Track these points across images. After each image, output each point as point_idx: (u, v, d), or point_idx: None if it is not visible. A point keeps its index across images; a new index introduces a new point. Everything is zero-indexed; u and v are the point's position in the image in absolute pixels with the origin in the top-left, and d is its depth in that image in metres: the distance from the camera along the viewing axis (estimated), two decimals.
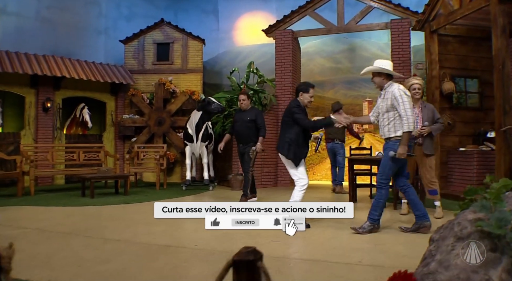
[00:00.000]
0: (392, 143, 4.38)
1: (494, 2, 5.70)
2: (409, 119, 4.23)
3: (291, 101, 5.28)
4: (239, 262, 1.09)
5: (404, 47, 8.96)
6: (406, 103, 4.25)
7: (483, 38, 7.64)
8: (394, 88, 4.36)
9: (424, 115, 5.37)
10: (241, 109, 6.86)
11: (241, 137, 6.74)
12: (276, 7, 12.61)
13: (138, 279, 2.97)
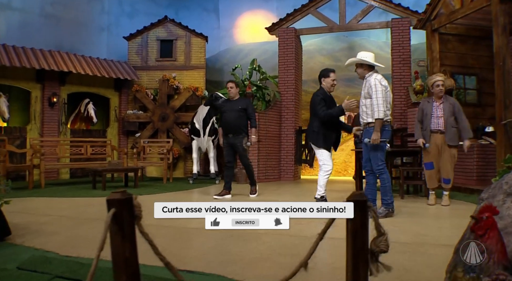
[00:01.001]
0: (371, 130, 4.67)
1: (495, 1, 5.99)
2: (379, 107, 4.54)
3: (314, 92, 5.46)
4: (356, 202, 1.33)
5: (405, 45, 9.26)
6: (379, 92, 4.56)
7: (481, 37, 7.98)
8: (372, 78, 4.68)
9: (446, 107, 5.59)
10: (230, 98, 6.73)
11: (230, 127, 6.45)
12: (276, 5, 12.86)
13: (182, 255, 3.17)
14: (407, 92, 8.88)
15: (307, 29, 10.38)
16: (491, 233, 1.32)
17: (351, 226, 1.35)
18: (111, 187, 7.99)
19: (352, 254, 1.34)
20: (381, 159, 4.75)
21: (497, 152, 6.12)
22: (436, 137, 5.55)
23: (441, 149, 5.58)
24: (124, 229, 1.30)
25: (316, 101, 5.13)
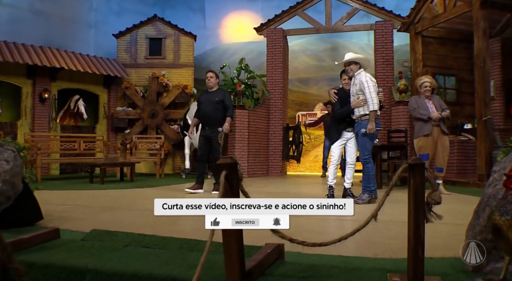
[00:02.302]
0: (365, 122, 5.10)
1: (476, 7, 6.53)
2: (373, 100, 5.01)
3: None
4: (414, 165, 1.69)
5: (388, 47, 9.78)
6: (371, 87, 5.04)
7: (460, 40, 8.58)
8: (362, 76, 5.14)
9: (435, 102, 6.10)
10: (208, 90, 6.46)
11: (207, 119, 6.24)
12: (261, 6, 13.23)
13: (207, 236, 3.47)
14: (391, 91, 9.40)
15: (294, 30, 10.77)
16: None
17: (412, 183, 1.72)
18: (107, 181, 8.16)
19: (414, 206, 1.70)
20: (368, 149, 5.21)
21: (478, 146, 6.64)
22: (435, 130, 6.01)
23: (437, 141, 6.03)
24: (233, 187, 1.61)
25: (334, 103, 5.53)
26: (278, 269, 1.96)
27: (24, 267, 1.56)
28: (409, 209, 1.74)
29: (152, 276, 1.88)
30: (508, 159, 2.27)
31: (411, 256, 1.73)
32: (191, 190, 6.18)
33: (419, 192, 1.71)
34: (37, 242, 2.45)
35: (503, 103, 8.13)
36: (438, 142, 6.02)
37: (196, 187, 6.22)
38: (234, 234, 1.61)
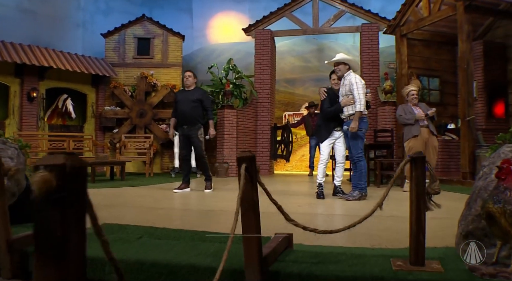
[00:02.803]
0: (350, 121, 5.32)
1: (461, 11, 6.78)
2: (361, 101, 5.23)
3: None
4: (416, 158, 1.85)
5: (373, 49, 10.02)
6: (360, 89, 5.25)
7: (444, 42, 8.87)
8: (352, 77, 5.33)
9: (422, 107, 6.39)
10: (185, 88, 6.43)
11: (185, 118, 6.18)
12: (249, 7, 13.36)
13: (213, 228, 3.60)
14: (376, 92, 9.63)
15: (282, 31, 10.94)
16: (510, 177, 1.89)
17: (414, 175, 1.88)
18: (98, 180, 8.19)
19: (415, 196, 1.86)
20: (360, 147, 5.41)
21: (461, 145, 6.90)
22: (423, 131, 6.25)
23: (427, 141, 6.26)
24: (252, 179, 1.74)
25: (322, 100, 5.69)
26: (289, 256, 2.10)
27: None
28: (411, 199, 1.91)
29: (171, 264, 2.00)
30: (496, 155, 2.45)
31: (413, 242, 1.89)
32: (178, 190, 6.25)
33: (420, 183, 1.87)
34: None
35: (485, 104, 8.43)
36: (428, 142, 6.25)
37: (183, 186, 6.29)
38: (254, 223, 1.75)
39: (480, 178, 2.45)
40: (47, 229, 0.76)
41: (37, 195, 0.75)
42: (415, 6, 8.00)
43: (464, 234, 2.34)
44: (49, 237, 0.75)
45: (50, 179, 0.74)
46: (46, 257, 0.76)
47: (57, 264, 0.75)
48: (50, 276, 0.75)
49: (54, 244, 0.75)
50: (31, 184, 0.77)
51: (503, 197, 1.83)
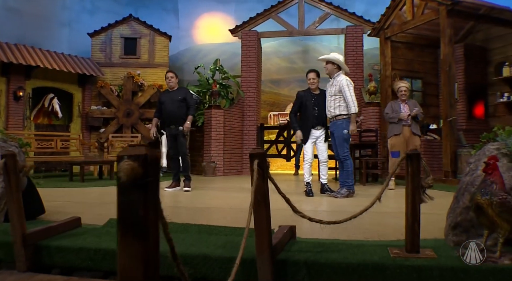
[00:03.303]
0: (340, 121, 5.50)
1: (443, 15, 7.04)
2: (354, 103, 5.41)
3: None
4: (412, 155, 2.02)
5: (358, 50, 10.27)
6: (352, 91, 5.44)
7: (426, 45, 9.16)
8: (342, 79, 5.46)
9: (410, 105, 6.58)
10: (169, 89, 6.51)
11: (172, 118, 6.30)
12: (234, 8, 13.49)
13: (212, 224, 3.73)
14: (360, 93, 9.87)
15: (268, 32, 11.09)
16: (495, 171, 2.07)
17: (410, 170, 2.05)
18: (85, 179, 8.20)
19: (411, 189, 2.03)
20: (346, 146, 5.61)
21: (443, 144, 7.16)
22: (405, 130, 6.48)
23: (408, 140, 6.48)
24: (264, 173, 1.89)
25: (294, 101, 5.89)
26: (293, 246, 2.26)
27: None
28: (407, 192, 2.08)
29: (185, 255, 2.13)
30: (481, 152, 2.65)
31: (409, 231, 2.06)
32: (170, 189, 6.34)
33: (415, 177, 2.04)
34: (64, 229, 2.64)
35: (465, 105, 8.74)
36: (408, 141, 6.47)
37: (174, 185, 6.38)
38: (265, 214, 1.89)
39: (467, 174, 2.65)
40: (132, 210, 0.88)
41: (124, 181, 0.88)
42: (399, 10, 8.24)
43: (452, 226, 2.54)
44: (134, 216, 0.88)
45: (136, 167, 0.87)
46: (130, 234, 0.89)
47: (140, 239, 0.88)
48: (135, 250, 0.88)
49: (137, 222, 0.88)
50: (117, 171, 0.89)
51: (490, 190, 2.02)
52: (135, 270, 0.87)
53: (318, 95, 5.79)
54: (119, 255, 0.89)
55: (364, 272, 1.97)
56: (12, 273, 2.33)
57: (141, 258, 0.87)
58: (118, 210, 0.91)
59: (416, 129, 6.54)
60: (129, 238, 0.89)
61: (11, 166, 2.29)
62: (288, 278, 2.00)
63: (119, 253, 0.89)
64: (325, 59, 5.67)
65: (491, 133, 2.79)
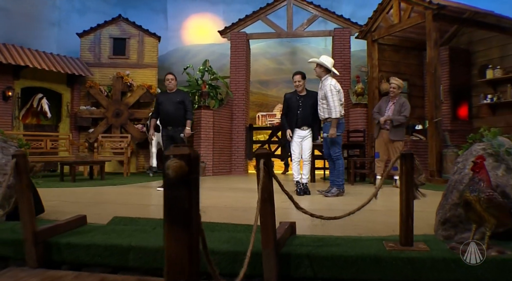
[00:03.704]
0: (328, 124, 5.70)
1: (429, 19, 7.25)
2: (336, 109, 5.58)
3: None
4: (406, 155, 2.17)
5: (345, 52, 10.46)
6: (335, 96, 5.59)
7: (412, 47, 9.39)
8: (327, 83, 5.63)
9: (395, 108, 6.68)
10: (168, 90, 6.64)
11: (170, 119, 6.44)
12: (223, 10, 13.60)
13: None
14: (348, 94, 10.06)
15: (257, 34, 11.22)
16: (483, 170, 2.23)
17: (404, 169, 2.19)
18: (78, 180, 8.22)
19: (405, 186, 2.18)
20: (338, 147, 5.80)
21: (429, 145, 7.38)
22: (383, 133, 6.68)
23: (387, 143, 6.67)
24: (270, 172, 2.01)
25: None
26: (294, 241, 2.39)
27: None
28: (401, 190, 2.23)
29: None
30: (468, 152, 2.82)
31: (403, 225, 2.21)
32: (162, 188, 6.41)
33: (409, 175, 2.19)
34: (71, 227, 2.73)
35: (450, 106, 8.98)
36: (388, 145, 6.65)
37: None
38: (270, 210, 2.02)
39: (455, 172, 2.81)
40: (178, 203, 1.00)
41: (172, 177, 0.99)
42: (386, 13, 8.45)
43: (442, 221, 2.70)
44: (180, 208, 1.00)
45: (183, 165, 0.98)
46: (177, 224, 1.01)
47: (185, 229, 1.00)
48: (181, 238, 0.99)
49: (183, 214, 0.99)
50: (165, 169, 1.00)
51: (478, 187, 2.18)
52: (181, 256, 0.99)
53: (304, 96, 5.94)
54: (167, 243, 1.01)
55: (362, 264, 2.11)
56: (23, 269, 2.41)
57: (186, 245, 0.99)
58: (165, 203, 1.03)
59: (394, 135, 6.60)
60: (175, 228, 1.01)
61: (22, 166, 2.37)
62: (291, 270, 2.13)
63: (167, 241, 1.01)
64: (314, 62, 5.85)
65: (478, 134, 2.96)
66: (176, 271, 1.00)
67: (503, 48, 8.49)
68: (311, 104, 5.88)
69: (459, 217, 2.58)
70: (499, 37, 8.41)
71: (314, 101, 5.88)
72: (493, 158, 2.67)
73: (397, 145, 6.64)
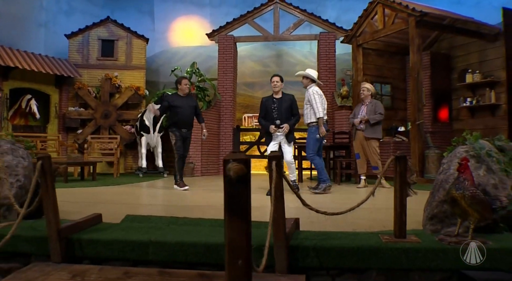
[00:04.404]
0: (310, 128, 6.25)
1: (412, 26, 7.59)
2: (319, 109, 6.13)
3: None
4: (400, 157, 2.43)
5: (330, 56, 10.79)
6: (317, 99, 6.17)
7: (395, 52, 9.77)
8: (311, 90, 6.26)
9: (369, 109, 7.07)
10: (181, 94, 6.98)
11: (185, 122, 6.86)
12: (210, 12, 13.79)
13: None
14: (333, 96, 10.38)
15: (244, 37, 11.45)
16: (467, 170, 2.52)
17: (398, 170, 2.46)
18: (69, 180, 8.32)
19: (399, 185, 2.45)
20: (312, 148, 6.25)
21: (412, 146, 7.71)
22: (359, 134, 7.13)
23: (363, 144, 7.04)
24: (280, 172, 2.25)
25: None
26: (299, 235, 2.64)
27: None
28: (395, 188, 2.51)
29: (207, 244, 2.47)
30: (453, 154, 3.11)
31: (397, 220, 2.48)
32: (180, 188, 6.71)
33: (402, 175, 2.46)
34: (89, 225, 2.92)
35: (431, 109, 9.36)
36: (364, 145, 7.07)
37: (183, 184, 6.79)
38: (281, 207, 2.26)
39: (440, 173, 3.10)
40: (238, 198, 1.23)
41: (233, 178, 1.23)
42: (371, 19, 8.77)
43: (429, 217, 2.99)
44: (238, 202, 1.23)
45: (243, 168, 1.22)
46: (236, 215, 1.24)
47: (243, 219, 1.23)
48: (240, 227, 1.22)
49: (241, 207, 1.23)
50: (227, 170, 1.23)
51: (463, 185, 2.47)
52: (240, 241, 1.23)
53: (279, 99, 6.23)
54: (228, 231, 1.24)
55: (362, 254, 2.38)
56: (48, 264, 2.60)
57: (245, 232, 1.23)
58: (226, 198, 1.26)
59: (370, 133, 7.00)
60: (235, 218, 1.24)
61: (47, 167, 2.56)
62: (299, 261, 2.38)
63: (228, 229, 1.24)
64: (301, 75, 6.48)
65: (461, 138, 3.25)
66: (236, 253, 1.24)
67: (482, 53, 8.91)
68: (286, 107, 6.17)
69: (445, 213, 2.87)
70: (478, 43, 8.81)
71: (289, 104, 6.22)
72: (475, 160, 2.96)
73: (372, 144, 7.02)
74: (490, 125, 8.66)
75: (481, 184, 2.79)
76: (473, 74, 8.92)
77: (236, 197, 1.23)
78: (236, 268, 1.26)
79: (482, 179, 2.84)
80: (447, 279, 2.41)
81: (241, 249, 1.22)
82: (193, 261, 2.46)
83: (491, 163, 2.93)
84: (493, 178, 2.87)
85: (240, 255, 1.23)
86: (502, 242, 2.51)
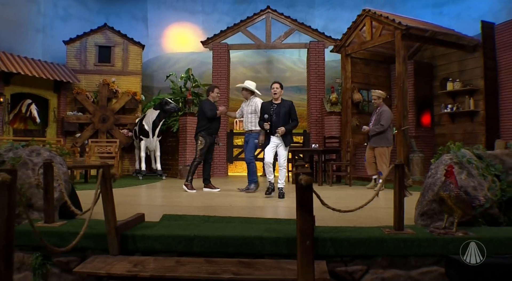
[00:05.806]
0: (255, 134, 7.07)
1: (398, 38, 8.24)
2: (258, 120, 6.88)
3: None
4: (398, 165, 3.01)
5: (320, 64, 11.40)
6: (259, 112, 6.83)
7: (381, 61, 10.45)
8: (257, 101, 7.14)
9: (376, 117, 7.58)
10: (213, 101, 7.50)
11: (217, 130, 7.56)
12: (202, 19, 14.26)
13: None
14: (322, 103, 11.00)
15: (237, 45, 11.99)
16: (452, 175, 3.13)
17: (397, 175, 3.05)
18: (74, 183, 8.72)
19: (398, 187, 3.03)
20: (253, 153, 7.20)
21: (397, 150, 8.34)
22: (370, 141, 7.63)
23: (373, 150, 7.56)
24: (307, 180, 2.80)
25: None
26: (317, 229, 3.19)
27: None
28: (395, 189, 3.09)
29: (244, 237, 3.01)
30: (439, 161, 3.73)
31: (397, 216, 3.07)
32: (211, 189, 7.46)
33: (401, 179, 3.05)
34: (136, 223, 3.43)
35: (414, 115, 10.05)
36: (374, 151, 7.54)
37: (212, 186, 7.56)
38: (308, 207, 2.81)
39: (429, 177, 3.71)
40: (306, 199, 1.78)
41: (304, 185, 1.78)
42: (359, 30, 9.41)
43: (420, 214, 3.59)
44: (306, 202, 1.78)
45: (310, 178, 1.76)
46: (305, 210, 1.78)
47: (309, 213, 1.78)
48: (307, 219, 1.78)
49: (308, 205, 1.78)
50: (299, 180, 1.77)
51: (449, 187, 3.07)
52: (306, 227, 1.78)
53: (278, 104, 6.57)
54: (299, 221, 1.80)
55: (369, 243, 2.97)
56: (107, 256, 3.10)
57: (309, 222, 1.78)
58: (298, 199, 1.81)
59: (374, 142, 7.50)
60: (304, 212, 1.80)
61: (107, 174, 3.06)
62: (319, 250, 2.94)
63: (299, 220, 1.80)
64: (241, 87, 7.41)
65: (446, 147, 3.86)
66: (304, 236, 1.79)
67: (462, 63, 9.64)
68: (284, 112, 6.49)
69: (434, 210, 3.47)
70: (458, 53, 9.53)
71: (288, 110, 6.52)
72: (458, 166, 3.58)
73: (379, 151, 7.43)
74: (469, 130, 9.40)
75: (463, 186, 3.40)
76: (453, 83, 9.63)
77: (305, 198, 1.76)
78: (305, 246, 1.79)
79: (464, 182, 3.45)
80: (437, 262, 3.02)
81: (307, 233, 1.75)
82: (232, 252, 2.99)
83: (471, 169, 3.54)
84: (473, 181, 3.49)
85: (307, 237, 1.76)
86: (480, 233, 3.12)
